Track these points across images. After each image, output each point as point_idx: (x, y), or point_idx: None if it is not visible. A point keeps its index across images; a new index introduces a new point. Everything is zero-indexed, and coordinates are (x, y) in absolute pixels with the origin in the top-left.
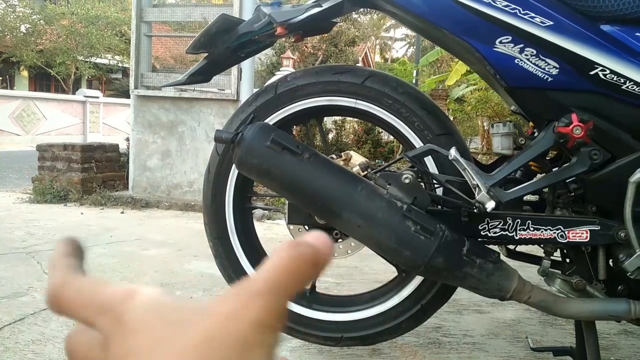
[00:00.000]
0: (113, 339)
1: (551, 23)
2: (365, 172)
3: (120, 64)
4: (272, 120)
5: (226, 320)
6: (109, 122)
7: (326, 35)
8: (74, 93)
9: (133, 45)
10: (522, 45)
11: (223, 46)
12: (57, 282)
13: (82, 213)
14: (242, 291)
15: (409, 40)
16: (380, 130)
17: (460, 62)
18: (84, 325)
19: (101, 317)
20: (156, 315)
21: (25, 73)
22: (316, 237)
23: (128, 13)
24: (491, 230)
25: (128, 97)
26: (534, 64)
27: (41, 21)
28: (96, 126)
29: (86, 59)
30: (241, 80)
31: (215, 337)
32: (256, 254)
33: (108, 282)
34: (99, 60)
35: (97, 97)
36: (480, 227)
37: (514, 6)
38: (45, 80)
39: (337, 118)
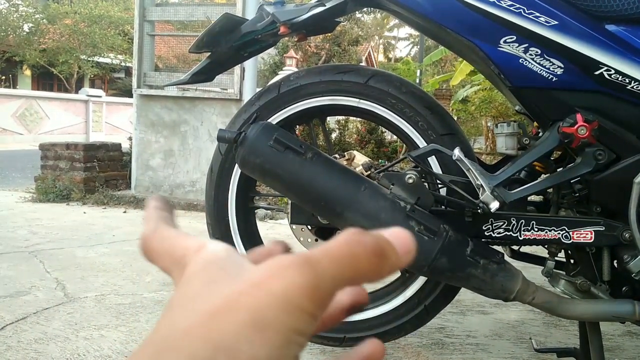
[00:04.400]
0: (176, 286)
1: (556, 22)
2: (369, 172)
3: (123, 63)
4: (275, 119)
5: (245, 288)
6: (112, 121)
7: (329, 34)
8: (76, 92)
9: (136, 44)
10: (526, 45)
11: (226, 45)
12: (149, 229)
13: (84, 212)
14: (276, 261)
15: (412, 39)
16: (384, 130)
17: (464, 61)
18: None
19: (174, 266)
20: (204, 272)
21: (28, 72)
22: (395, 232)
23: (131, 12)
24: (495, 231)
25: (131, 96)
26: (539, 63)
27: (44, 20)
28: (99, 125)
29: (89, 58)
30: (244, 80)
31: (232, 307)
32: None
33: (187, 234)
34: (101, 60)
35: (100, 97)
36: (484, 228)
37: (518, 5)
38: (47, 79)
39: (340, 118)
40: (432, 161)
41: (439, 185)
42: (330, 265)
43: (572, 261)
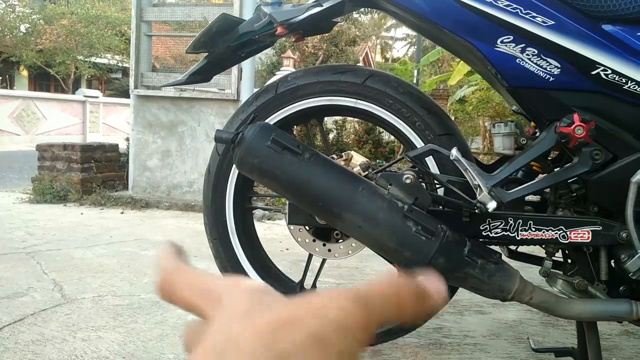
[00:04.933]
0: (212, 318)
1: (553, 23)
2: (366, 172)
3: (120, 64)
4: (272, 120)
5: (304, 311)
6: (109, 122)
7: (327, 34)
8: (73, 93)
9: (133, 44)
10: (523, 45)
11: (223, 46)
12: (170, 268)
13: (81, 213)
14: (332, 292)
15: (410, 39)
16: (381, 130)
17: (462, 62)
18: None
19: (204, 299)
20: (248, 298)
21: (25, 73)
22: (430, 277)
23: (128, 13)
24: (493, 231)
25: (128, 97)
26: (536, 63)
27: (41, 21)
28: (96, 126)
29: (86, 59)
30: (241, 80)
31: (289, 321)
32: (256, 255)
33: (214, 274)
34: (98, 60)
35: (97, 97)
36: (481, 228)
37: (515, 6)
38: (45, 80)
39: (337, 118)
40: (430, 161)
41: (437, 186)
42: (380, 303)
43: (569, 261)
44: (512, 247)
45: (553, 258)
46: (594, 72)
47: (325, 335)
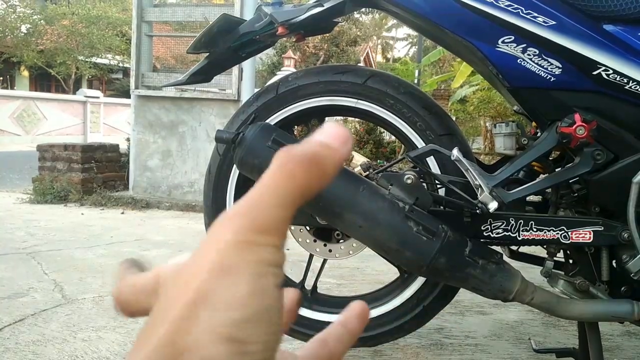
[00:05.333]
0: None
1: (554, 23)
2: (367, 173)
3: (120, 64)
4: (273, 120)
5: (202, 250)
6: (110, 122)
7: (328, 35)
8: (74, 93)
9: (134, 45)
10: (524, 45)
11: (224, 46)
12: (116, 286)
13: (82, 213)
14: (211, 236)
15: (411, 40)
16: (382, 130)
17: (464, 63)
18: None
19: (152, 299)
20: (173, 280)
21: (25, 73)
22: (326, 130)
23: (129, 13)
24: (494, 231)
25: (129, 97)
26: (537, 63)
27: (42, 21)
28: (97, 126)
29: (87, 59)
30: (242, 80)
31: (196, 264)
32: None
33: (148, 272)
34: (99, 60)
35: (98, 97)
36: (482, 228)
37: (516, 6)
38: (45, 80)
39: (338, 118)
40: (431, 161)
41: (438, 186)
42: (268, 194)
43: (570, 261)
44: (514, 248)
45: (554, 258)
46: (595, 72)
47: (229, 259)
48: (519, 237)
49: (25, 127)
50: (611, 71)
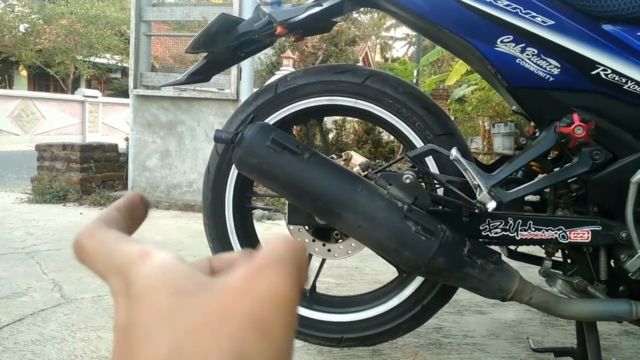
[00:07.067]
0: (119, 301)
1: (553, 22)
2: (366, 172)
3: (119, 64)
4: (272, 120)
5: (237, 295)
6: (108, 121)
7: (326, 34)
8: (73, 93)
9: (132, 44)
10: (523, 45)
11: (223, 46)
12: (86, 230)
13: (81, 213)
14: (251, 265)
15: (409, 39)
16: (381, 130)
17: (460, 62)
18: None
19: (113, 276)
20: (164, 282)
21: (24, 73)
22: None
23: (127, 12)
24: (492, 231)
25: (127, 96)
26: (535, 63)
27: (40, 21)
28: (95, 126)
29: (85, 59)
30: (241, 80)
31: (227, 315)
32: None
33: (129, 239)
34: (98, 60)
35: (96, 97)
36: (481, 228)
37: (515, 5)
38: (44, 79)
39: (337, 118)
40: (430, 161)
41: (436, 186)
42: (290, 259)
43: (569, 261)
44: (512, 247)
45: (553, 258)
46: (593, 72)
47: (267, 316)
48: (518, 236)
49: (23, 126)
50: (610, 71)
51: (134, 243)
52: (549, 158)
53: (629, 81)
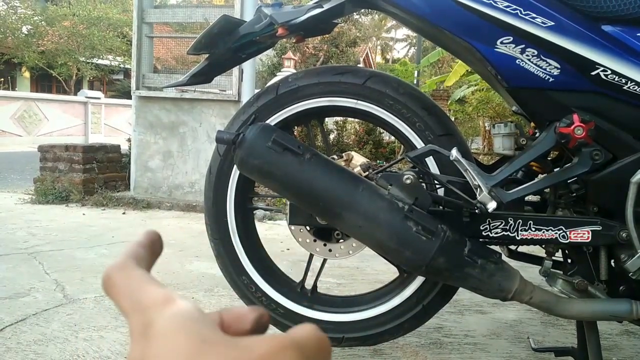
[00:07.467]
0: (136, 340)
1: (552, 23)
2: (367, 173)
3: (121, 65)
4: (273, 121)
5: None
6: (111, 123)
7: (327, 36)
8: (75, 94)
9: (134, 46)
10: (523, 46)
11: (224, 47)
12: (116, 264)
13: (83, 214)
14: (277, 337)
15: (410, 40)
16: (382, 130)
17: (459, 63)
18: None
19: (136, 314)
20: (185, 328)
21: (27, 74)
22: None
23: (130, 14)
24: (492, 231)
25: (129, 98)
26: (535, 64)
27: (43, 22)
28: (98, 127)
29: (88, 60)
30: (242, 81)
31: None
32: (258, 255)
33: (156, 281)
34: (100, 62)
35: (99, 98)
36: (481, 228)
37: (515, 7)
38: (46, 81)
39: (338, 119)
40: (430, 162)
41: (437, 186)
42: (314, 347)
43: (569, 261)
44: (512, 247)
45: (553, 258)
46: (593, 73)
47: None
48: (518, 236)
49: (26, 127)
50: (609, 71)
51: (160, 286)
52: (549, 158)
53: (629, 82)
